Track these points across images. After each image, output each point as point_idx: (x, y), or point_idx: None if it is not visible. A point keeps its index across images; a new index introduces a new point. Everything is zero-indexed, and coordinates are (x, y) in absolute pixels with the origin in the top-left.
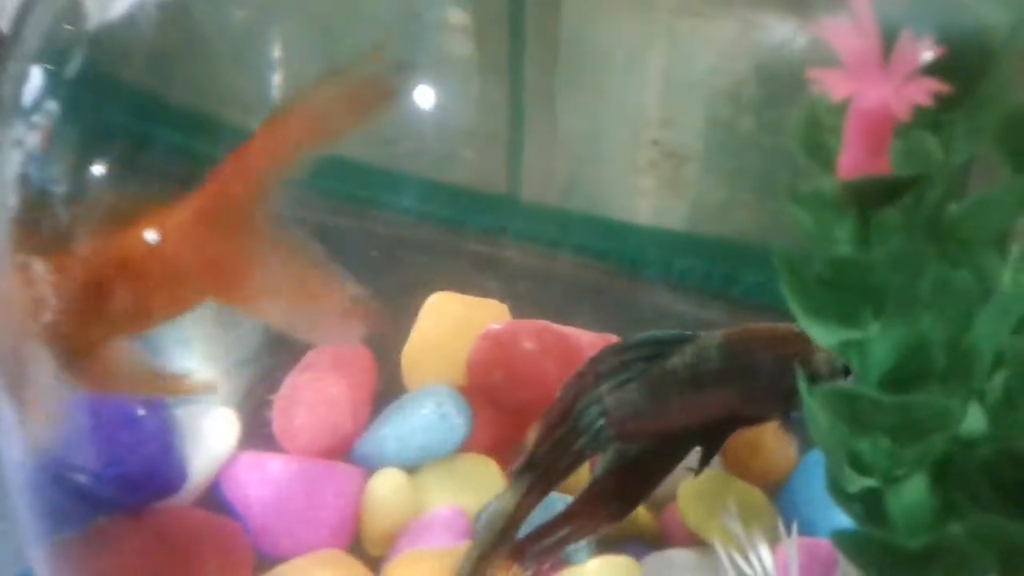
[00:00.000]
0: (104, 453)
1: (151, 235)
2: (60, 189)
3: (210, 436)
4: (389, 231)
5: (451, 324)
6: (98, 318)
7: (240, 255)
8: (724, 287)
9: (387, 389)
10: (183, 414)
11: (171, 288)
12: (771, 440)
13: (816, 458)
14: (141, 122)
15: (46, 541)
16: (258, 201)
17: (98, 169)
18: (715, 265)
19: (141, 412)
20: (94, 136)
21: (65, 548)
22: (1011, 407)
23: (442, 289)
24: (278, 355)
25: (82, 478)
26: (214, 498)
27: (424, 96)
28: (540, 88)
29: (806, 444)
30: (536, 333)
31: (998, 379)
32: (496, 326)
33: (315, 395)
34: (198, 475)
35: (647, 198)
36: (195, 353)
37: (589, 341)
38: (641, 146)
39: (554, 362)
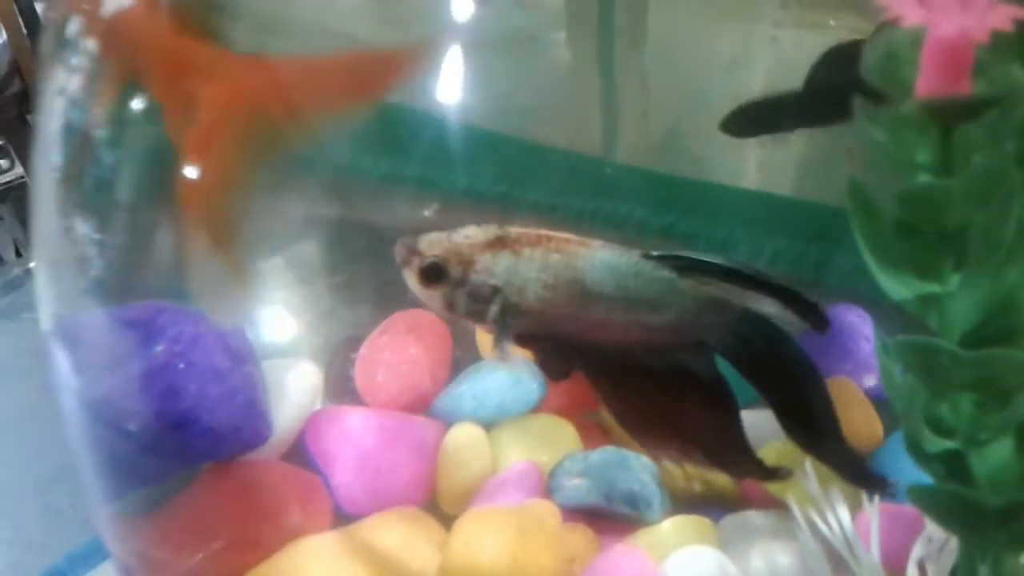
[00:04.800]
0: (194, 407)
1: None
2: None
3: (295, 390)
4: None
5: None
6: None
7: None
8: (818, 272)
9: (464, 357)
10: (269, 368)
11: None
12: (857, 414)
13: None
14: None
15: (120, 498)
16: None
17: None
18: (810, 243)
19: (228, 365)
20: None
21: (143, 503)
22: None
23: None
24: (354, 313)
25: (172, 431)
26: (300, 451)
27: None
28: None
29: (895, 423)
30: None
31: None
32: None
33: (395, 355)
34: (283, 428)
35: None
36: (276, 304)
37: None
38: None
39: None
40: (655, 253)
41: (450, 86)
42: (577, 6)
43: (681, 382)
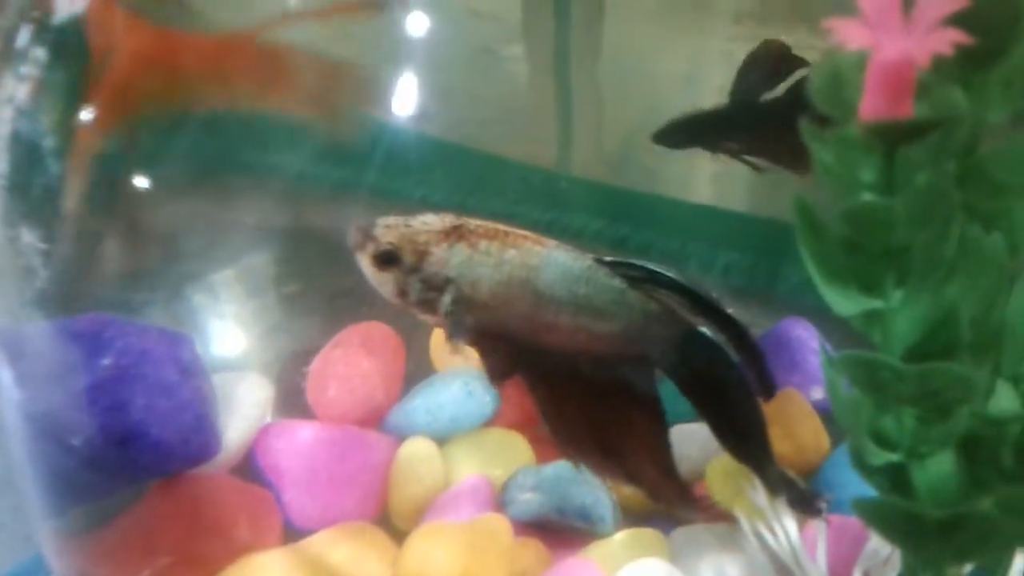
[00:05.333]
0: (143, 421)
1: None
2: None
3: (245, 404)
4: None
5: None
6: None
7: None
8: (768, 284)
9: (417, 370)
10: (219, 381)
11: None
12: (804, 426)
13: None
14: None
15: (64, 514)
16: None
17: None
18: (761, 256)
19: (177, 379)
20: None
21: (87, 520)
22: None
23: None
24: (305, 325)
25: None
26: (250, 465)
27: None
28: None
29: (842, 435)
30: None
31: None
32: None
33: (348, 368)
34: (233, 442)
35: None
36: (225, 317)
37: None
38: None
39: None
40: (608, 259)
41: (408, 97)
42: (533, 20)
43: (617, 395)
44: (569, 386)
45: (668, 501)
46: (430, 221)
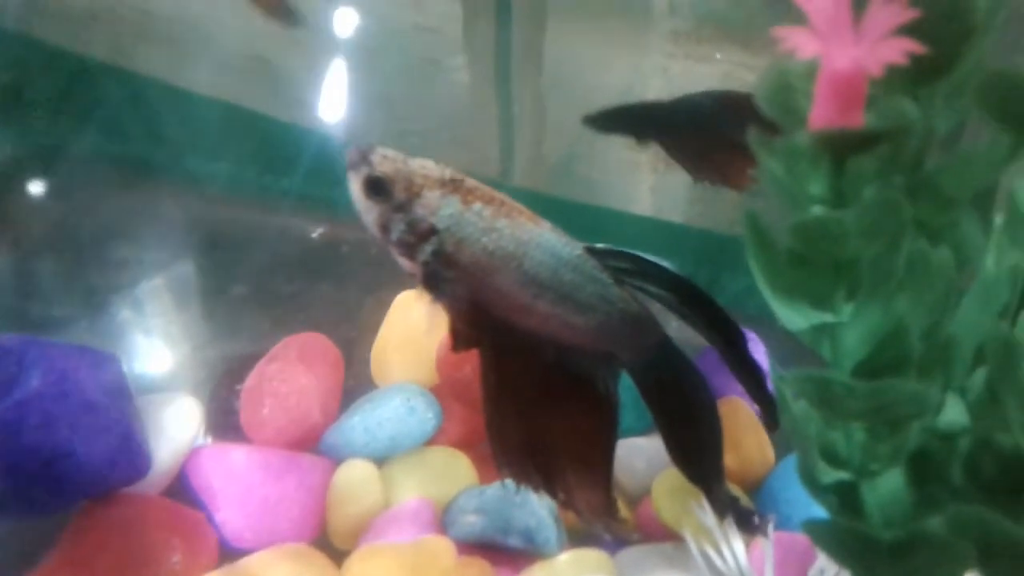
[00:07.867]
0: (66, 439)
1: None
2: None
3: (174, 426)
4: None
5: (420, 322)
6: None
7: None
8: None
9: (357, 385)
10: (145, 402)
11: None
12: (749, 437)
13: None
14: None
15: None
16: None
17: None
18: (701, 265)
19: (102, 399)
20: None
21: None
22: (993, 401)
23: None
24: (234, 341)
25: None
26: (182, 488)
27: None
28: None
29: (787, 447)
30: None
31: (980, 373)
32: None
33: (283, 385)
34: (164, 464)
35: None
36: (154, 335)
37: None
38: None
39: None
40: (600, 246)
41: (349, 106)
42: (475, 32)
43: (573, 392)
44: (526, 373)
45: (587, 513)
46: (430, 167)
